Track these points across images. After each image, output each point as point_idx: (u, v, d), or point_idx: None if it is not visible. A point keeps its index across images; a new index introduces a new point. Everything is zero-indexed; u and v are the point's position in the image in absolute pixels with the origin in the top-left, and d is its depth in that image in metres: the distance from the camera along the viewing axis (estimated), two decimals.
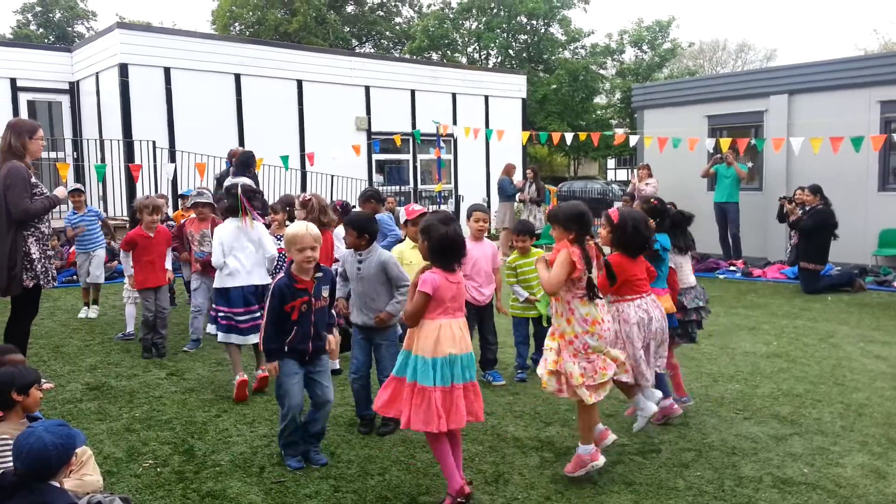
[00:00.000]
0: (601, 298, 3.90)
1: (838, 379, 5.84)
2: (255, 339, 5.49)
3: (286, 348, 4.07)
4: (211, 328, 5.70)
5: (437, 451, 3.64)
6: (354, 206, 7.57)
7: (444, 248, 3.59)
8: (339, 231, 5.87)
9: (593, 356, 3.83)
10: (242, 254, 5.51)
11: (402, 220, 5.90)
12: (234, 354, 5.56)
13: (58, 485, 2.86)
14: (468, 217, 5.83)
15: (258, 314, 5.50)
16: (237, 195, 5.49)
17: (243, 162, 8.76)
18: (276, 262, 5.82)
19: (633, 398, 4.30)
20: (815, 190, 10.31)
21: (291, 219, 6.26)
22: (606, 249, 4.23)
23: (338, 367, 5.89)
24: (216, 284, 5.59)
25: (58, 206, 5.59)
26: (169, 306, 7.10)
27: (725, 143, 11.55)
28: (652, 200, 5.03)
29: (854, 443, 4.48)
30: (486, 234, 5.91)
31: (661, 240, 4.73)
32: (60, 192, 5.77)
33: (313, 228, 4.06)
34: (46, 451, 2.72)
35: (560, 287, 3.76)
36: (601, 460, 3.87)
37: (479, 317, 5.78)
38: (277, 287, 4.04)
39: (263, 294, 5.57)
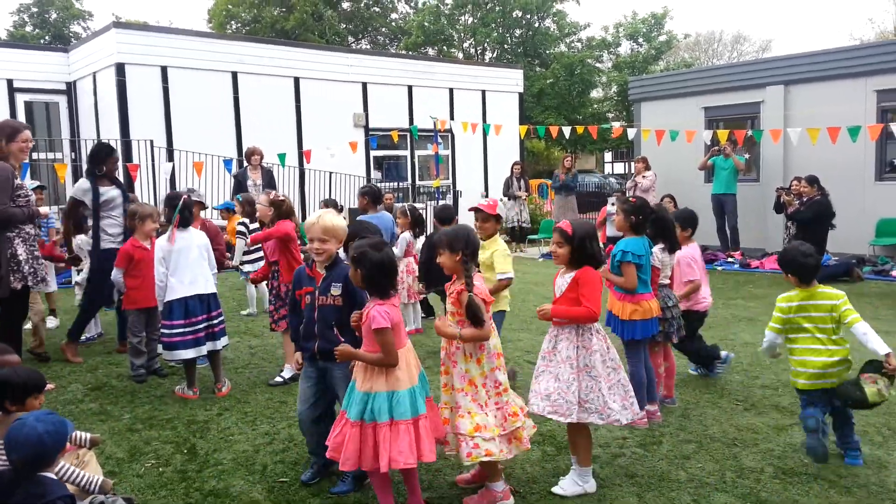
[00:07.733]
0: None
1: None
2: (204, 349, 5.38)
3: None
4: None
5: (378, 487, 3.47)
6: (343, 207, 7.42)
7: (381, 276, 3.38)
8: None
9: (503, 397, 3.55)
10: (185, 262, 5.34)
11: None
12: (190, 369, 5.46)
13: (54, 476, 2.88)
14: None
15: (202, 325, 5.37)
16: (177, 206, 5.34)
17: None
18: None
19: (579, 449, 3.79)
20: (812, 181, 10.34)
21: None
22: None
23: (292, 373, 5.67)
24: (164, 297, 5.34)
25: (36, 220, 5.52)
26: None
27: (723, 134, 11.56)
28: (631, 199, 4.86)
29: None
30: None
31: (635, 247, 4.52)
32: (43, 211, 5.76)
33: (324, 219, 3.76)
34: (42, 439, 2.75)
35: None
36: (511, 500, 3.61)
37: None
38: (297, 271, 4.04)
39: (210, 303, 5.44)
